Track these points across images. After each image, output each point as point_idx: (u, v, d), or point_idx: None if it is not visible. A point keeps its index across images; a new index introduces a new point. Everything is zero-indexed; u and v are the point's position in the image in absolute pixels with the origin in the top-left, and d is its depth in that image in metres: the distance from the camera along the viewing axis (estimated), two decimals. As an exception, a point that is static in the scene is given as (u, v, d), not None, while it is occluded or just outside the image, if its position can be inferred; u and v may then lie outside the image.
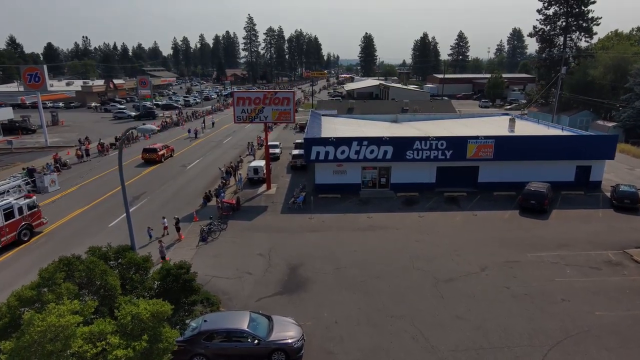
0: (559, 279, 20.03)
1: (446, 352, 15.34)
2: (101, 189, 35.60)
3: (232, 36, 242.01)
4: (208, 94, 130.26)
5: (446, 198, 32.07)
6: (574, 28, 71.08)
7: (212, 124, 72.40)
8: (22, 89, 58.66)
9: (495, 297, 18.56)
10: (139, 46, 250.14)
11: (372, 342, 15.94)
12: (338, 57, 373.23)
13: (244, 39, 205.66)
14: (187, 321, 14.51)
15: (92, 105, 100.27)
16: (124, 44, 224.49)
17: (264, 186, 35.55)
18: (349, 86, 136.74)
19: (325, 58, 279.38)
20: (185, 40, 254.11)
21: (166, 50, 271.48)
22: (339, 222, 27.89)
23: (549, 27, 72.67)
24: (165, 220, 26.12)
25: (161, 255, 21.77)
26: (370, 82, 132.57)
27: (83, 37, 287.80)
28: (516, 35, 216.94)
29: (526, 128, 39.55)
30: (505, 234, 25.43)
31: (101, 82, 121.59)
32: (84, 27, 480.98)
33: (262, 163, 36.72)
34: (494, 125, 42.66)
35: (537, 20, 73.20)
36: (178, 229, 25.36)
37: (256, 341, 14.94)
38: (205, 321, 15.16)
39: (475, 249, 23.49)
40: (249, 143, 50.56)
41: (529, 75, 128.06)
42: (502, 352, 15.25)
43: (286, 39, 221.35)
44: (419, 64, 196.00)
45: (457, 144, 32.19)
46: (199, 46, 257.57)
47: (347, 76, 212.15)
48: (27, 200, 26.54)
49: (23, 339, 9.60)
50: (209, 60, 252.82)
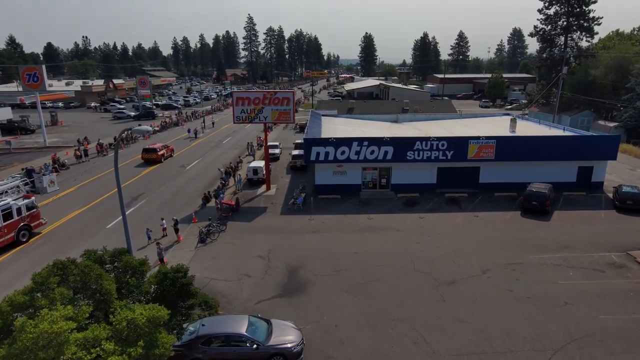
0: (562, 282, 19.76)
1: (448, 356, 15.09)
2: (100, 189, 35.37)
3: (232, 36, 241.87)
4: (208, 94, 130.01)
5: (447, 199, 31.83)
6: (574, 28, 70.85)
7: (212, 124, 72.29)
8: (21, 89, 58.23)
9: (498, 300, 18.30)
10: (139, 46, 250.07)
11: (372, 346, 15.69)
12: (338, 57, 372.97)
13: (244, 38, 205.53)
14: (185, 325, 14.28)
15: (92, 105, 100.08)
16: (124, 43, 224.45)
17: (263, 187, 35.31)
18: (349, 86, 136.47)
19: (326, 58, 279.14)
20: (185, 40, 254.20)
21: (166, 50, 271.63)
22: (339, 223, 27.65)
23: (549, 27, 72.43)
24: (163, 221, 25.88)
25: (159, 258, 21.52)
26: (371, 82, 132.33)
27: (83, 37, 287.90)
28: (516, 35, 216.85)
29: (527, 128, 39.29)
30: (507, 236, 25.17)
31: (101, 82, 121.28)
32: (84, 27, 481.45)
33: (262, 163, 36.49)
34: (494, 125, 42.41)
35: (537, 20, 73.05)
36: (176, 230, 25.12)
37: (255, 346, 14.69)
38: (203, 325, 14.92)
39: (477, 250, 23.24)
40: (248, 143, 50.30)
41: (530, 75, 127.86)
42: (505, 357, 15.00)
43: (286, 38, 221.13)
44: (419, 63, 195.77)
45: (458, 145, 31.94)
46: (199, 46, 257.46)
47: (347, 76, 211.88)
48: (26, 201, 26.32)
49: (15, 346, 9.37)
50: (209, 60, 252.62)
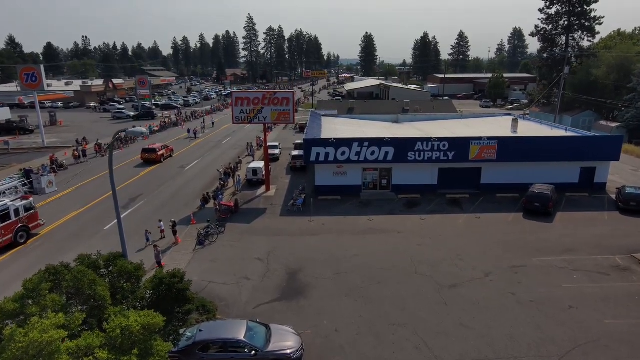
0: (566, 285, 19.44)
1: (451, 362, 14.79)
2: (98, 190, 35.03)
3: (232, 36, 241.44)
4: (208, 94, 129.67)
5: (448, 200, 31.51)
6: (576, 27, 70.52)
7: (212, 124, 72.05)
8: (20, 89, 57.88)
9: (501, 304, 17.97)
10: (139, 46, 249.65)
11: (373, 352, 15.36)
12: (338, 56, 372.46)
13: (244, 38, 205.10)
14: (182, 330, 13.97)
15: (91, 105, 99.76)
16: (123, 43, 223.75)
17: (263, 188, 35.00)
18: (349, 86, 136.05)
19: (326, 58, 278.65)
20: (185, 40, 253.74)
21: (166, 50, 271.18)
22: (339, 224, 27.33)
23: (551, 27, 72.09)
24: (161, 223, 25.54)
25: (157, 260, 21.20)
26: (371, 82, 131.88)
27: (83, 36, 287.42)
28: (517, 34, 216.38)
29: (529, 129, 38.95)
30: (510, 238, 24.84)
31: (100, 82, 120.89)
32: (83, 27, 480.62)
33: (261, 164, 36.18)
34: (496, 125, 42.07)
35: (539, 19, 72.71)
36: (175, 232, 24.79)
37: (253, 352, 14.37)
38: (201, 331, 14.61)
39: (479, 253, 22.91)
40: (248, 144, 49.97)
41: (530, 75, 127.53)
42: (508, 363, 14.71)
43: (286, 38, 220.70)
44: (419, 63, 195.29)
45: (460, 145, 31.62)
46: (199, 46, 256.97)
47: (348, 76, 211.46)
48: (24, 202, 26.09)
49: (4, 356, 9.06)
50: (209, 60, 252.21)
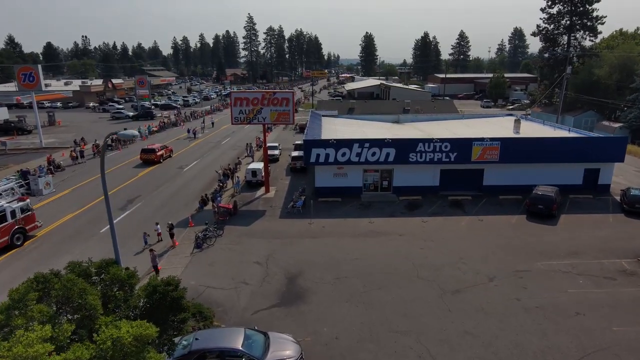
0: (571, 290, 18.98)
1: (455, 371, 14.35)
2: (95, 191, 34.54)
3: (232, 36, 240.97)
4: (207, 94, 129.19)
5: (450, 202, 31.05)
6: (578, 27, 70.05)
7: (212, 124, 71.66)
8: (17, 88, 57.44)
9: (506, 311, 17.51)
10: (139, 46, 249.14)
11: (375, 361, 14.93)
12: (338, 56, 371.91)
13: (244, 38, 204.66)
14: (177, 339, 13.52)
15: (91, 105, 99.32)
16: (123, 43, 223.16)
17: (262, 189, 34.54)
18: (350, 86, 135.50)
19: (326, 58, 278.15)
20: (185, 40, 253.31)
21: (166, 50, 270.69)
22: (340, 227, 26.87)
23: (552, 26, 71.66)
24: (158, 226, 25.05)
25: (153, 264, 20.72)
26: (371, 81, 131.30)
27: (83, 36, 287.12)
28: (517, 34, 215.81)
29: (531, 129, 38.49)
30: (513, 241, 24.38)
31: (99, 82, 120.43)
32: (83, 26, 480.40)
33: (261, 165, 35.73)
34: (498, 126, 41.61)
35: (540, 19, 72.34)
36: (172, 235, 24.34)
37: (251, 361, 13.92)
38: (197, 339, 14.13)
39: (482, 256, 22.45)
40: (247, 144, 49.52)
41: (531, 75, 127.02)
42: (514, 372, 14.26)
43: (286, 38, 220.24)
44: (419, 63, 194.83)
45: (462, 146, 31.17)
46: (198, 46, 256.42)
47: (348, 76, 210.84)
48: (21, 204, 25.76)
49: (-13, 371, 8.61)
50: (209, 60, 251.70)
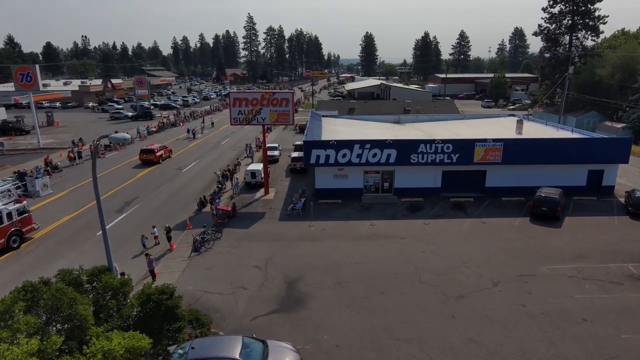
0: (578, 296, 18.53)
1: (459, 381, 13.91)
2: (93, 193, 33.84)
3: (232, 35, 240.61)
4: (207, 94, 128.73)
5: (452, 204, 30.61)
6: (579, 27, 69.60)
7: (212, 124, 71.26)
8: (15, 89, 56.97)
9: (511, 317, 17.06)
10: (139, 45, 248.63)
11: (377, 369, 14.51)
12: (338, 56, 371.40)
13: (243, 38, 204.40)
14: (173, 348, 13.09)
15: (90, 105, 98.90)
16: (123, 43, 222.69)
17: (261, 190, 34.10)
18: (350, 86, 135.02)
19: (326, 57, 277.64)
20: (185, 40, 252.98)
21: (166, 50, 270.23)
22: (340, 230, 26.44)
23: (554, 26, 71.25)
24: (155, 229, 24.58)
25: (149, 269, 20.27)
26: (371, 81, 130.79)
27: (82, 36, 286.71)
28: (518, 34, 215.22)
29: (534, 130, 38.05)
30: (517, 244, 23.93)
31: (99, 81, 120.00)
32: (83, 26, 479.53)
33: (260, 166, 35.29)
34: (500, 126, 41.17)
35: (542, 18, 71.90)
36: (169, 238, 23.87)
37: (249, 370, 13.49)
38: (193, 348, 13.68)
39: (486, 260, 22.01)
40: (247, 145, 49.08)
41: (532, 75, 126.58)
42: (521, 382, 13.82)
43: (286, 38, 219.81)
44: (420, 63, 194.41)
45: (464, 147, 30.73)
46: (198, 46, 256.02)
47: (348, 76, 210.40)
48: (17, 205, 25.37)
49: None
50: (208, 60, 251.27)
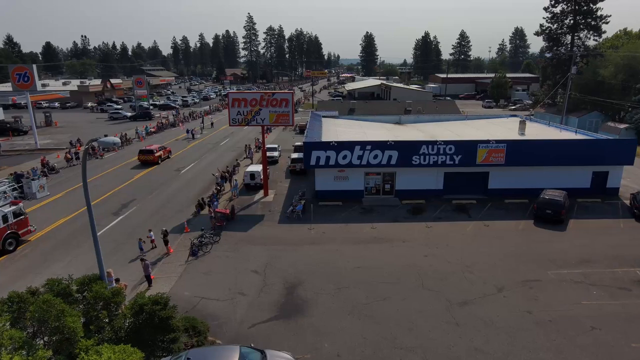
0: (585, 302, 18.02)
1: (464, 393, 13.40)
2: (90, 194, 33.32)
3: (232, 35, 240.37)
4: (207, 94, 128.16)
5: (455, 206, 30.10)
6: (582, 26, 69.03)
7: (211, 124, 70.81)
8: (12, 89, 56.44)
9: (517, 325, 16.54)
10: (139, 45, 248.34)
11: (379, 380, 14.00)
12: (339, 56, 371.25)
13: (243, 38, 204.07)
14: (168, 358, 12.59)
15: (89, 105, 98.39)
16: (123, 43, 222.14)
17: (261, 192, 33.60)
18: (350, 86, 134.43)
19: (326, 57, 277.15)
20: (185, 40, 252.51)
21: (166, 50, 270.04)
22: (341, 233, 25.92)
23: (556, 26, 70.68)
24: (152, 233, 24.03)
25: (145, 274, 19.75)
26: (372, 81, 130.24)
27: (82, 36, 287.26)
28: (518, 34, 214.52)
29: (537, 131, 37.53)
30: (521, 248, 23.42)
31: (98, 81, 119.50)
32: (83, 26, 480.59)
33: (259, 168, 34.79)
34: (502, 127, 40.64)
35: (543, 18, 71.32)
36: (166, 242, 23.35)
37: (247, 382, 12.99)
38: (189, 359, 13.21)
39: (490, 265, 21.50)
40: (246, 146, 48.58)
41: (533, 75, 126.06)
42: (528, 394, 13.32)
43: (286, 38, 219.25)
44: (420, 63, 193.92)
45: (467, 149, 30.22)
46: (198, 45, 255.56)
47: (348, 75, 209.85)
48: (13, 208, 24.87)
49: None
50: (208, 60, 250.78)
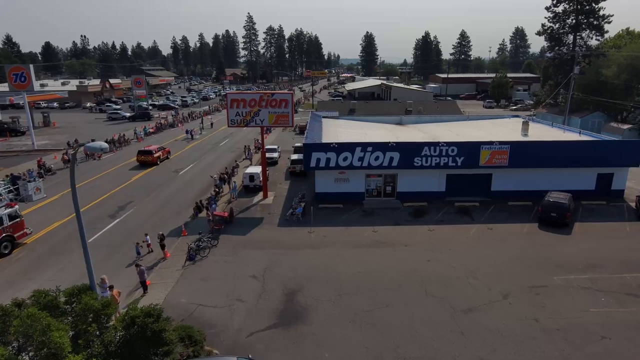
0: (594, 309, 17.49)
1: (471, 406, 12.88)
2: (87, 197, 33.00)
3: (232, 35, 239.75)
4: (207, 94, 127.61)
5: (457, 208, 29.58)
6: (584, 26, 68.51)
7: (211, 124, 70.29)
8: (8, 89, 55.96)
9: (524, 333, 16.01)
10: (138, 45, 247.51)
11: (382, 393, 13.48)
12: (339, 56, 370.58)
13: (243, 38, 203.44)
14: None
15: (88, 105, 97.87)
16: (122, 43, 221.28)
17: (260, 194, 33.08)
18: (350, 86, 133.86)
19: (326, 57, 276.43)
20: (185, 40, 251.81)
21: (166, 50, 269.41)
22: (342, 236, 25.40)
23: (557, 25, 70.17)
24: (148, 237, 23.44)
25: (141, 280, 19.21)
26: (372, 81, 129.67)
27: (82, 36, 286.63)
28: (519, 34, 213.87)
29: (540, 132, 37.03)
30: (526, 252, 22.89)
31: (97, 81, 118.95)
32: (82, 26, 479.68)
33: (259, 169, 34.27)
34: (504, 128, 40.14)
35: (545, 18, 70.81)
36: (163, 246, 22.82)
37: (244, 395, 12.50)
38: (183, 371, 12.73)
39: (495, 270, 20.98)
40: (245, 146, 48.04)
41: (534, 75, 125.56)
42: (537, 407, 12.79)
43: (286, 38, 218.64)
44: (420, 63, 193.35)
45: (470, 150, 29.69)
46: (198, 45, 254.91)
47: (348, 76, 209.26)
48: (8, 210, 24.41)
49: None
50: (208, 60, 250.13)
